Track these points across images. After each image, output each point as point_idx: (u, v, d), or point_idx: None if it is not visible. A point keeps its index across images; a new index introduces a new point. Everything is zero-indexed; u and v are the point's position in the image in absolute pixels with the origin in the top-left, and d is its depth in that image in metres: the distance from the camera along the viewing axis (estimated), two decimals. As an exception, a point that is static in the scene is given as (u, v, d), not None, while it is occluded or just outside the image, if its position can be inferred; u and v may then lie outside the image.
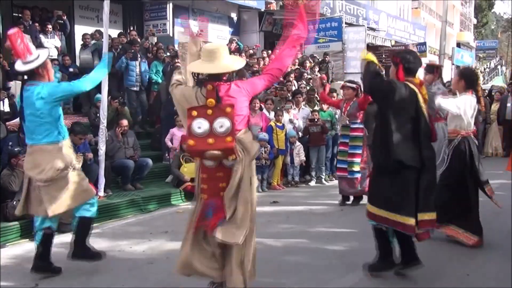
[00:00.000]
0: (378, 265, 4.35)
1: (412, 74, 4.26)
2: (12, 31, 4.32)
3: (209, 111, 3.34)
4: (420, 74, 4.62)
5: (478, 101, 5.34)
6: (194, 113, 3.37)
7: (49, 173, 4.26)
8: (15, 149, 6.11)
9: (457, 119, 5.19)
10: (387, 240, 4.30)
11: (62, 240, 5.84)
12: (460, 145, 5.19)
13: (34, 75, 4.38)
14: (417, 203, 4.06)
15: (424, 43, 22.05)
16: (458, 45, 37.49)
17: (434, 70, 6.12)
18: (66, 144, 4.48)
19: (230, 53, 3.75)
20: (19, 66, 4.39)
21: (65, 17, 11.30)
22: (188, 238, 3.60)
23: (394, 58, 4.34)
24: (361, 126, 7.40)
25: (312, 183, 9.72)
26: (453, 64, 27.53)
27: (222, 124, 3.31)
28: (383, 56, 19.89)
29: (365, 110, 7.19)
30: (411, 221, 4.01)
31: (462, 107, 5.11)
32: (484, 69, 45.73)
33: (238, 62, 3.61)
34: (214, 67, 3.44)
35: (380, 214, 4.14)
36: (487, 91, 14.99)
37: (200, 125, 3.33)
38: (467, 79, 5.27)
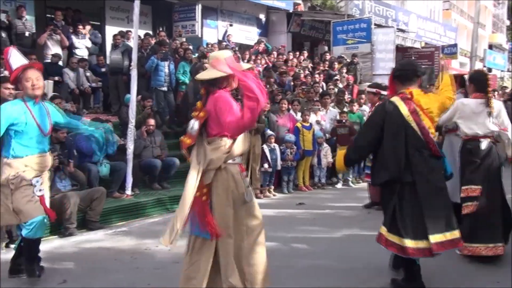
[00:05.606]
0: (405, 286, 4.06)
1: (407, 82, 3.99)
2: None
3: (198, 113, 3.49)
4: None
5: (488, 104, 4.85)
6: (194, 114, 3.51)
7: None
8: None
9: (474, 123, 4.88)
10: (415, 263, 3.96)
11: (90, 238, 5.96)
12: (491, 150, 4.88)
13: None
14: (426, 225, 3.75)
15: (455, 45, 21.69)
16: (490, 47, 36.69)
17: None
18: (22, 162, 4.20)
19: (258, 54, 3.73)
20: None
21: (96, 31, 11.71)
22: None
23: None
24: None
25: (339, 185, 9.66)
26: (484, 66, 26.95)
27: (193, 125, 3.41)
28: (413, 58, 19.66)
29: None
30: (425, 243, 3.74)
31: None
32: (517, 71, 44.63)
33: (219, 73, 3.37)
34: (201, 74, 3.61)
35: (400, 243, 3.79)
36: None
37: (191, 125, 3.44)
38: (476, 82, 5.00)
